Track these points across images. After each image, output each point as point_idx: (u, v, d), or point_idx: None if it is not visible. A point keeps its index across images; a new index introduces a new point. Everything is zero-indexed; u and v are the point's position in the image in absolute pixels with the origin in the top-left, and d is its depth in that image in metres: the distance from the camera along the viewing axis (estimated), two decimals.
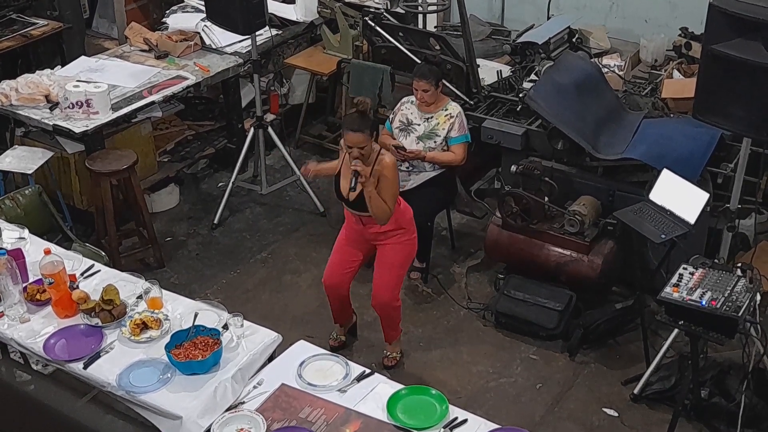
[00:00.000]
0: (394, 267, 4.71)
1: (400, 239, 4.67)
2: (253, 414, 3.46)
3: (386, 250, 4.70)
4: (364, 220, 4.61)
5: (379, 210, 4.46)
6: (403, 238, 4.67)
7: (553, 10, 7.35)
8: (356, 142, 4.37)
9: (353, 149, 4.39)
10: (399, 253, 4.69)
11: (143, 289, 4.01)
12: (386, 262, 4.71)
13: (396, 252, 4.68)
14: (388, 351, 5.00)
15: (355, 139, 4.37)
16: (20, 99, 5.70)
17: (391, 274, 4.73)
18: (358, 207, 4.56)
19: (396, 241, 4.66)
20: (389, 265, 4.71)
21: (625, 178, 5.27)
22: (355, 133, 4.37)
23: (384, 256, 4.72)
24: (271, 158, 6.75)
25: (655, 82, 6.21)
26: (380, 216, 4.49)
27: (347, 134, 4.40)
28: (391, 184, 4.48)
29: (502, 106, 5.81)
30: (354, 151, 4.38)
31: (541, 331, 5.15)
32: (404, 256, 4.73)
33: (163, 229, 6.15)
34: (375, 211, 4.47)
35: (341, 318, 5.09)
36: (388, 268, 4.71)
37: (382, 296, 4.76)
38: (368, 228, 4.64)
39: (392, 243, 4.66)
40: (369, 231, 4.65)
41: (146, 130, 6.17)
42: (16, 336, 3.84)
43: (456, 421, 3.46)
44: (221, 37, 6.40)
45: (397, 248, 4.68)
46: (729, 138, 5.06)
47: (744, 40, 4.00)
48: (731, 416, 4.36)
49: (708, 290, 3.95)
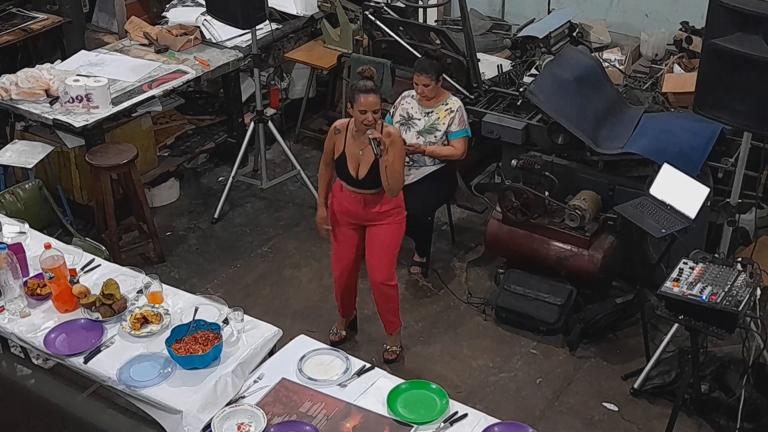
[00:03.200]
0: (389, 247, 4.72)
1: (395, 219, 4.68)
2: (253, 408, 3.46)
3: (379, 230, 4.68)
4: (366, 199, 4.60)
5: (395, 180, 4.46)
6: (397, 218, 4.69)
7: (553, 5, 7.34)
8: (371, 105, 4.37)
9: (368, 114, 4.37)
10: (393, 233, 4.70)
11: (143, 283, 4.01)
12: (380, 242, 4.70)
13: (390, 232, 4.69)
14: (388, 345, 5.00)
15: (370, 101, 4.36)
16: (20, 93, 5.70)
17: (386, 254, 4.73)
18: (366, 185, 4.55)
19: (391, 221, 4.67)
20: (384, 245, 4.70)
21: (626, 173, 5.27)
22: (369, 95, 4.37)
23: (377, 237, 4.70)
24: (271, 152, 6.75)
25: (656, 76, 6.20)
26: (395, 186, 4.49)
27: (362, 98, 4.37)
28: (400, 153, 4.50)
29: (503, 101, 5.80)
30: (369, 115, 4.38)
31: (541, 325, 5.15)
32: (397, 235, 4.74)
33: (164, 223, 6.15)
34: (391, 181, 4.45)
35: (347, 309, 5.10)
36: (383, 248, 4.71)
37: (378, 276, 4.74)
38: (369, 209, 4.63)
39: (387, 223, 4.66)
40: (370, 211, 4.63)
41: (146, 125, 6.17)
42: (16, 330, 3.85)
43: (456, 415, 3.47)
44: (221, 31, 6.39)
45: (390, 228, 4.68)
46: (729, 132, 5.05)
47: (745, 34, 3.99)
48: (731, 411, 4.37)
49: (708, 285, 3.95)
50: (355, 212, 4.67)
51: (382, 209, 4.62)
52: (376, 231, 4.69)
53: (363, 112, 4.37)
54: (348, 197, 4.64)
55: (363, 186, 4.56)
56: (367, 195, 4.58)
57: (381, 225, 4.67)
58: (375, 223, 4.68)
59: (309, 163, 6.75)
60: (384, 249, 4.71)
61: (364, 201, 4.61)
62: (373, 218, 4.67)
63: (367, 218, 4.68)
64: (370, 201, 4.60)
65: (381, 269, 4.73)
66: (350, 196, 4.63)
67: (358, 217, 4.68)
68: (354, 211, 4.67)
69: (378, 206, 4.60)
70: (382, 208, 4.61)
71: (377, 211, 4.63)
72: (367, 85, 4.39)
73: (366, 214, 4.66)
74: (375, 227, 4.69)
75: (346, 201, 4.66)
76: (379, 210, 4.62)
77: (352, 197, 4.63)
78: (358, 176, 4.52)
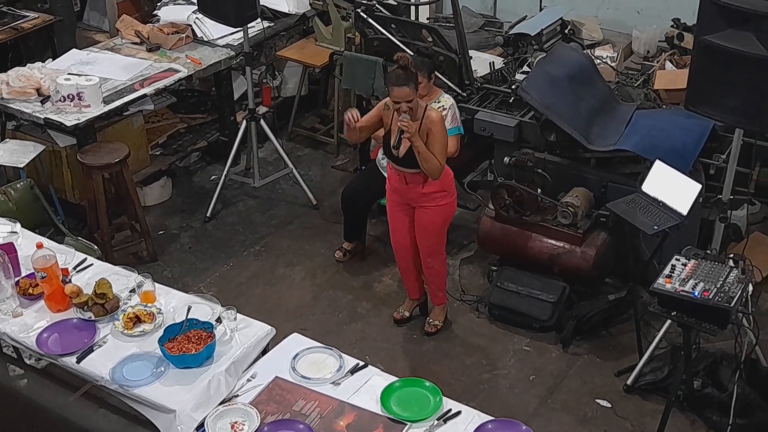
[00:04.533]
0: (435, 229, 4.88)
1: (441, 202, 4.78)
2: (246, 407, 3.46)
3: (427, 213, 4.82)
4: (408, 178, 4.71)
5: (430, 165, 4.54)
6: (443, 201, 4.79)
7: (545, 2, 7.35)
8: (403, 96, 4.45)
9: (401, 104, 4.45)
10: (439, 215, 4.83)
11: (136, 282, 4.00)
12: (424, 225, 4.86)
13: (437, 214, 4.82)
14: (431, 318, 5.16)
15: (401, 93, 4.45)
16: (11, 92, 5.68)
17: (434, 236, 4.90)
18: (405, 163, 4.65)
19: (437, 204, 4.78)
20: (428, 227, 4.87)
21: (618, 170, 5.28)
22: (401, 88, 4.45)
23: (421, 220, 4.85)
24: (263, 151, 6.74)
25: (648, 73, 6.21)
26: (431, 171, 4.58)
27: (394, 90, 4.47)
28: (439, 138, 4.56)
29: (495, 98, 5.80)
30: (402, 105, 4.45)
31: (534, 322, 5.15)
32: (444, 217, 4.88)
33: (156, 222, 6.14)
34: (426, 166, 4.55)
35: (412, 292, 5.23)
36: (430, 231, 4.88)
37: (423, 255, 4.96)
38: (412, 188, 4.74)
39: (433, 206, 4.78)
40: (413, 191, 4.75)
41: (138, 123, 6.16)
42: (8, 330, 3.83)
43: (450, 413, 3.47)
44: (213, 29, 6.38)
45: (437, 210, 4.80)
46: (721, 129, 5.06)
47: (736, 30, 4.00)
48: (724, 406, 4.38)
49: (700, 281, 3.96)
50: (400, 190, 4.81)
51: (425, 190, 4.73)
52: (421, 214, 4.85)
53: (396, 103, 4.48)
54: (394, 175, 4.79)
55: (404, 164, 4.68)
56: (408, 174, 4.69)
57: (426, 208, 4.80)
58: (421, 205, 4.80)
59: (301, 162, 6.75)
60: (428, 231, 4.88)
61: (406, 179, 4.72)
62: (417, 199, 4.79)
63: (411, 198, 4.80)
64: (412, 180, 4.71)
65: (425, 249, 4.94)
66: (395, 174, 4.77)
67: (404, 195, 4.82)
68: (399, 189, 4.81)
69: (421, 186, 4.71)
70: (425, 189, 4.72)
71: (420, 192, 4.74)
72: (399, 77, 4.47)
73: (409, 193, 4.78)
74: (420, 210, 4.83)
75: (394, 179, 4.82)
76: (422, 191, 4.73)
77: (397, 175, 4.76)
78: (399, 154, 4.63)
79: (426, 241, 4.92)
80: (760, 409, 4.44)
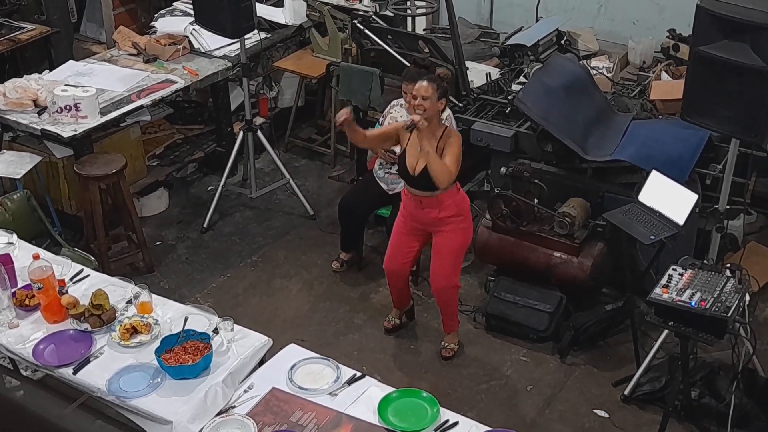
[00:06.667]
0: (451, 254, 4.82)
1: (458, 226, 4.75)
2: (243, 418, 3.45)
3: (443, 238, 4.79)
4: (424, 202, 4.69)
5: (439, 170, 4.51)
6: (460, 225, 4.76)
7: (541, 13, 7.37)
8: (417, 91, 4.49)
9: (417, 98, 4.48)
10: (455, 240, 4.78)
11: (133, 293, 3.99)
12: (443, 249, 4.81)
13: (452, 239, 4.78)
14: (446, 342, 5.09)
15: (413, 87, 4.52)
16: (8, 103, 5.68)
17: (449, 261, 4.83)
18: (421, 185, 4.63)
19: (453, 229, 4.74)
20: (446, 252, 4.81)
21: (614, 180, 5.29)
22: (415, 82, 4.53)
23: (441, 244, 4.81)
24: (260, 162, 6.74)
25: (644, 83, 6.23)
26: (440, 177, 4.53)
27: (412, 85, 4.55)
28: (454, 146, 4.57)
29: (491, 109, 5.82)
30: (418, 99, 4.48)
31: (531, 333, 5.15)
32: (460, 243, 4.83)
33: (153, 233, 6.13)
34: (435, 172, 4.52)
35: (400, 303, 5.22)
36: (446, 255, 4.82)
37: (440, 283, 4.88)
38: (427, 212, 4.71)
39: (449, 230, 4.75)
40: (428, 216, 4.73)
41: (135, 134, 6.16)
42: (5, 341, 3.83)
43: (447, 423, 3.46)
44: (210, 40, 6.39)
45: (453, 235, 4.77)
46: (717, 139, 5.07)
47: (731, 41, 4.02)
48: (721, 417, 4.37)
49: (697, 291, 3.96)
50: (416, 215, 4.78)
51: (441, 215, 4.70)
52: (438, 239, 4.81)
53: (414, 98, 4.51)
54: (410, 201, 4.78)
55: (418, 185, 4.65)
56: (423, 197, 4.67)
57: (444, 232, 4.77)
58: (438, 229, 4.77)
59: (298, 172, 6.75)
60: (447, 256, 4.82)
61: (422, 203, 4.70)
62: (433, 224, 4.76)
63: (427, 222, 4.78)
64: (428, 204, 4.68)
65: (440, 276, 4.86)
66: (411, 199, 4.76)
67: (420, 220, 4.79)
68: (416, 215, 4.78)
69: (437, 211, 4.69)
70: (441, 214, 4.70)
71: (437, 217, 4.71)
72: (418, 74, 4.54)
73: (425, 218, 4.75)
74: (440, 234, 4.79)
75: (410, 204, 4.79)
76: (438, 216, 4.70)
77: (413, 200, 4.74)
78: (414, 172, 4.62)
79: (441, 268, 4.83)
80: (757, 419, 4.44)
